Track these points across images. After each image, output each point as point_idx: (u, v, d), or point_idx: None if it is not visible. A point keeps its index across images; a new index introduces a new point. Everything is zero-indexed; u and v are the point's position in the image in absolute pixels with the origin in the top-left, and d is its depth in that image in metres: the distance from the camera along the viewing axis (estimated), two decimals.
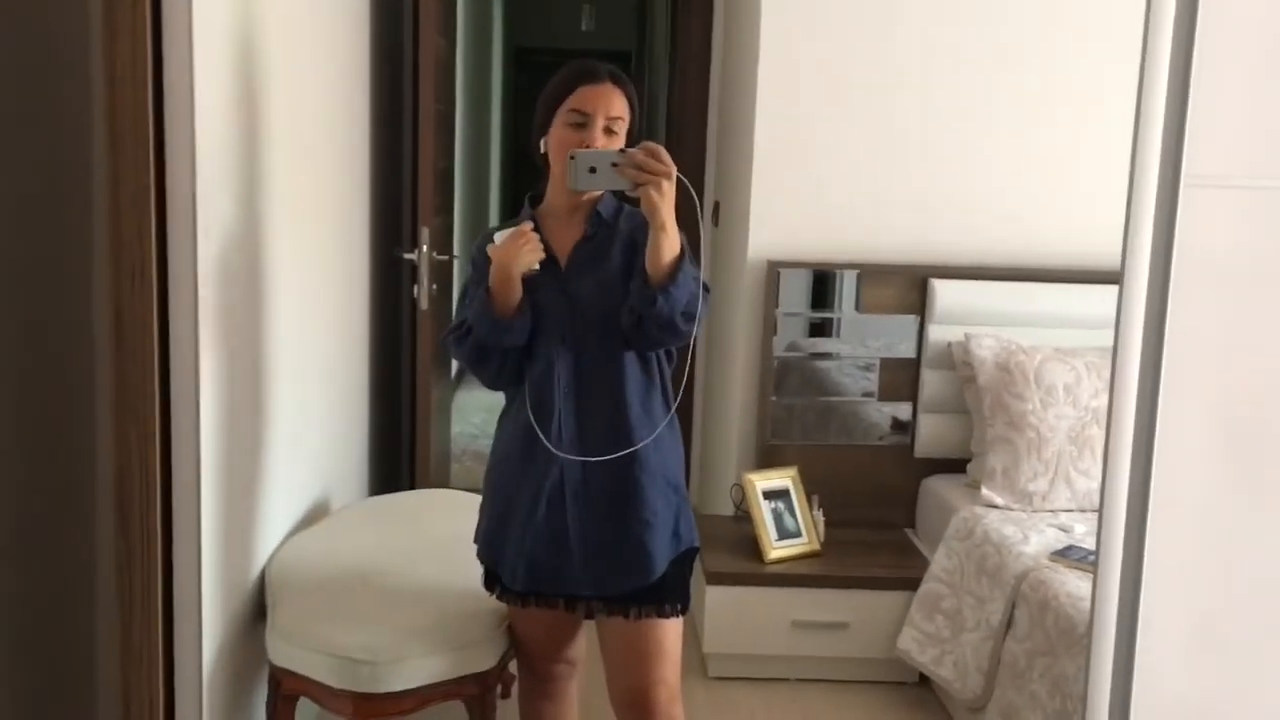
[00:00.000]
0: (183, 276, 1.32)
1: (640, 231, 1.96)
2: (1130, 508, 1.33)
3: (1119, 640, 1.37)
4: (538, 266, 1.98)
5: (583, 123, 1.94)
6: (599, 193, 1.99)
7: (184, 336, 1.34)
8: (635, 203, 1.92)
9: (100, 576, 1.46)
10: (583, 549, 2.02)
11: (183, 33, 1.39)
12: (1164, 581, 1.34)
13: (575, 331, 2.01)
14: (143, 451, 1.38)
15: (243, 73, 2.12)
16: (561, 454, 1.99)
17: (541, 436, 1.99)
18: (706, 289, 1.93)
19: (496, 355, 2.01)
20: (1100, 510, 1.37)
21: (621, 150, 1.87)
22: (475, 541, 2.16)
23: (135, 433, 1.38)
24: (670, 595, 2.04)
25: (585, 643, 2.26)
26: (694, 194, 1.96)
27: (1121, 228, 3.52)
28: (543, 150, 2.02)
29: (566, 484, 2.02)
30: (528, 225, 1.99)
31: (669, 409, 2.06)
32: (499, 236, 2.00)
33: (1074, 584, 2.52)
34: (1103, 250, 3.49)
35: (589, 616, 2.10)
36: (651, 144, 1.85)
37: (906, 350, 3.47)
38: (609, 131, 1.95)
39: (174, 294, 1.33)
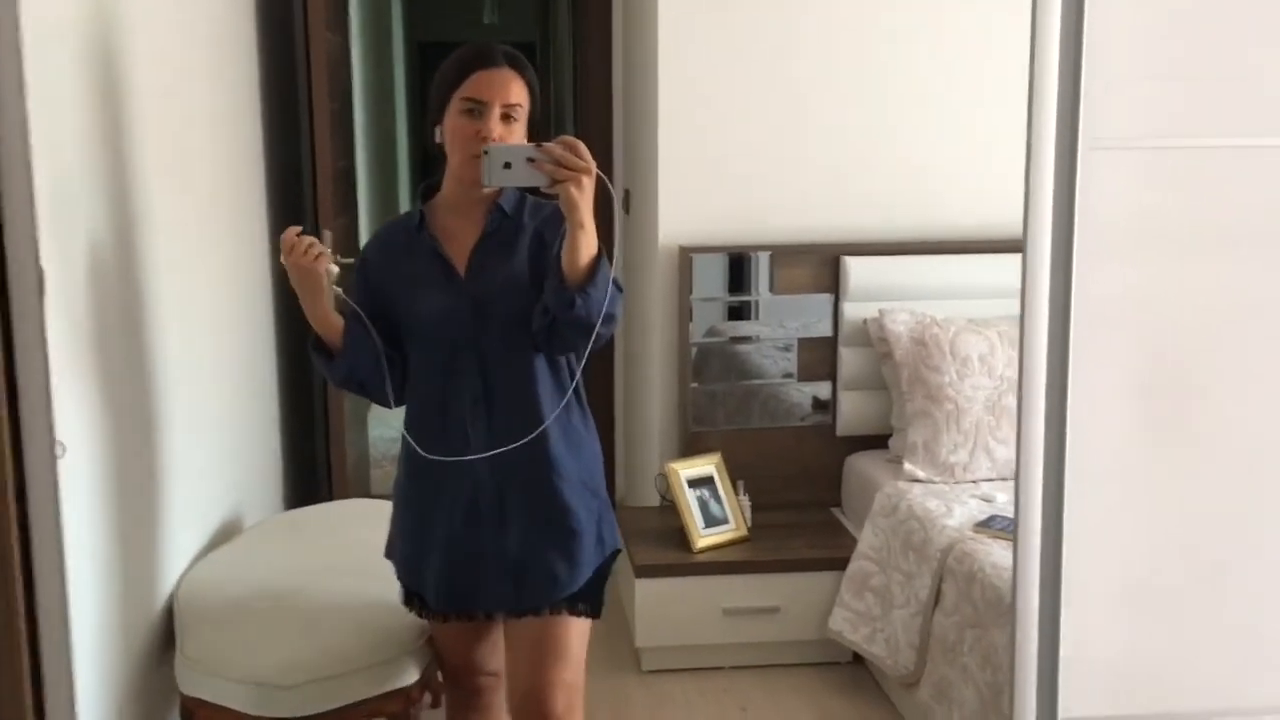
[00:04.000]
0: (26, 298, 1.23)
1: (548, 226, 1.88)
2: (1046, 474, 1.31)
3: (1043, 607, 1.35)
4: (336, 269, 1.87)
5: (477, 110, 1.84)
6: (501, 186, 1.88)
7: (32, 361, 1.25)
8: (547, 197, 1.84)
9: None
10: (504, 565, 1.94)
11: (9, 31, 1.28)
12: (1085, 544, 1.33)
13: (481, 338, 1.90)
14: None
15: (99, 72, 1.99)
16: (469, 462, 1.89)
17: (443, 457, 1.89)
18: (619, 287, 1.85)
19: (373, 381, 1.93)
20: (1016, 479, 1.35)
21: (538, 145, 1.76)
22: (387, 556, 2.08)
23: None
24: (584, 595, 1.98)
25: None
26: (611, 189, 1.89)
27: None
28: (438, 140, 1.91)
29: (481, 499, 1.93)
30: (292, 231, 1.86)
31: (583, 410, 2.00)
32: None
33: (999, 554, 2.52)
34: (1011, 220, 3.52)
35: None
36: (570, 138, 1.75)
37: (823, 329, 3.46)
38: (506, 118, 1.85)
39: (17, 317, 1.23)
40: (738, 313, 3.47)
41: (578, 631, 1.98)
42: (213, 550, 2.51)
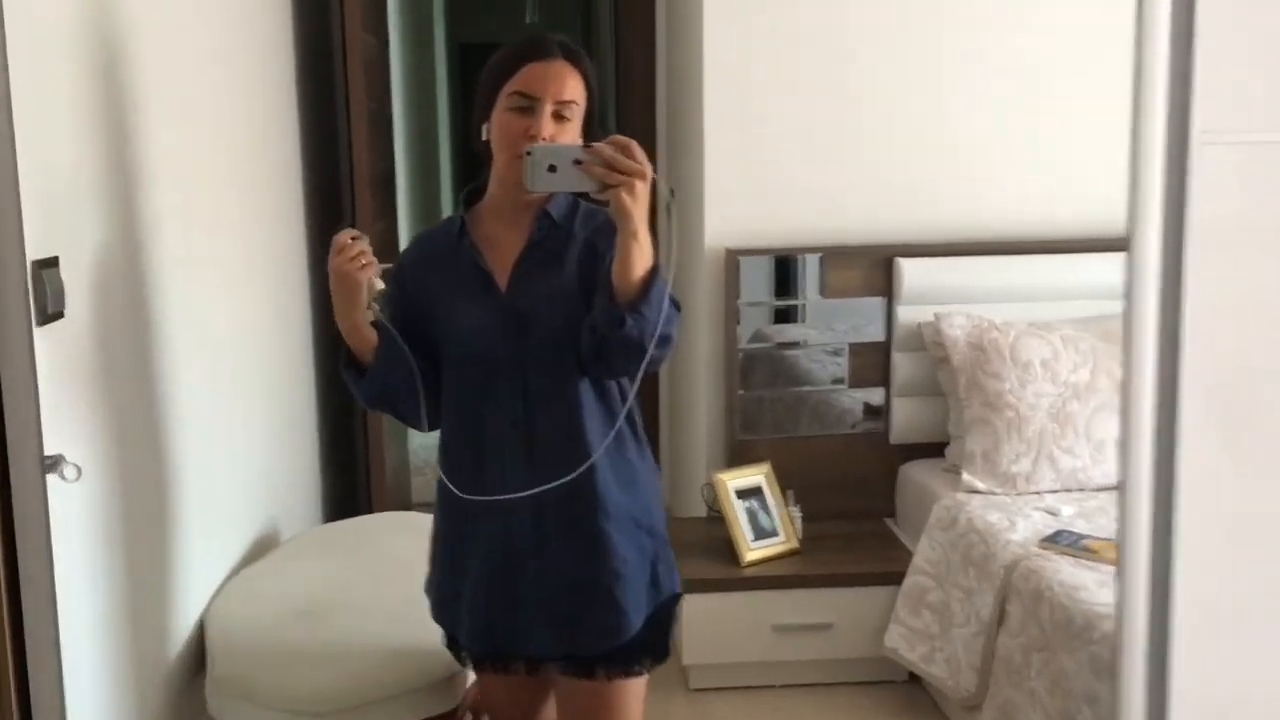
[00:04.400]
0: (13, 318, 1.14)
1: (601, 236, 1.68)
2: (1156, 491, 1.17)
3: (1152, 642, 1.21)
4: (380, 284, 1.72)
5: (527, 107, 1.67)
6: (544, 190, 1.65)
7: (18, 370, 1.16)
8: (597, 203, 1.67)
9: None
10: (543, 609, 1.76)
11: None
12: (1194, 578, 1.19)
13: (522, 358, 1.72)
14: None
15: (103, 74, 1.89)
16: (506, 496, 1.70)
17: (475, 496, 1.72)
18: (677, 305, 1.65)
19: (407, 402, 1.76)
20: (1121, 496, 1.21)
21: (586, 145, 1.58)
22: (426, 592, 1.91)
23: None
24: (641, 654, 1.79)
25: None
26: (668, 195, 1.67)
27: (1094, 194, 3.35)
28: (484, 137, 1.73)
29: (518, 539, 1.75)
30: (347, 234, 1.70)
31: (639, 440, 1.80)
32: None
33: (1068, 572, 2.38)
34: (1073, 219, 3.39)
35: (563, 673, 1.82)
36: (621, 138, 1.56)
37: (875, 333, 3.33)
38: (559, 117, 1.67)
39: (4, 338, 1.14)
40: (785, 316, 3.35)
41: (634, 693, 1.80)
42: (246, 566, 2.44)
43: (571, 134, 1.69)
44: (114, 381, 1.85)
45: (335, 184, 3.62)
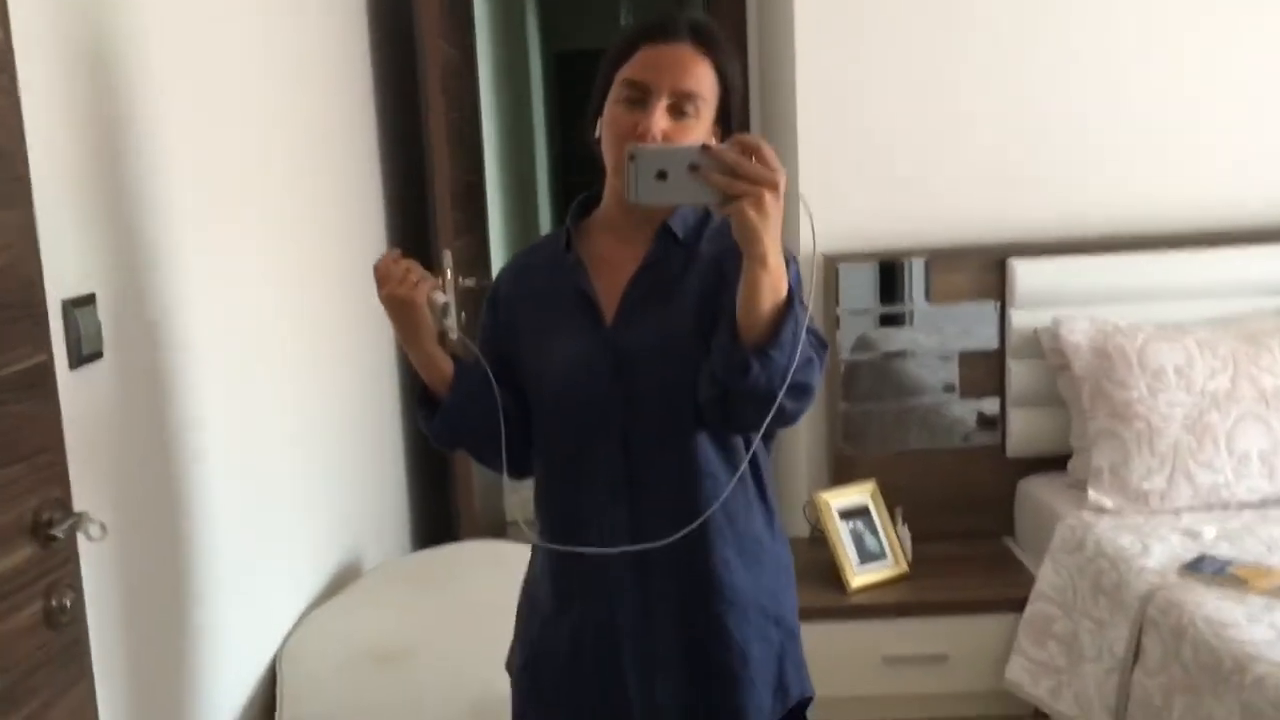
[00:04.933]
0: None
1: (731, 258, 1.33)
2: None
3: None
4: (441, 298, 1.46)
5: (639, 98, 1.38)
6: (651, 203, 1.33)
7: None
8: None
9: None
10: (647, 710, 1.48)
11: None
12: None
13: (626, 406, 1.44)
14: None
15: (160, 93, 1.82)
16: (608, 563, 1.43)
17: (564, 560, 1.47)
18: (823, 343, 1.36)
19: (485, 440, 1.48)
20: None
21: (703, 147, 1.26)
22: (507, 668, 1.63)
23: None
24: None
25: None
26: (807, 209, 1.40)
27: (1225, 183, 3.07)
28: (597, 134, 1.45)
29: (621, 620, 1.47)
30: (386, 259, 1.45)
31: (769, 510, 1.50)
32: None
33: (1213, 605, 2.14)
34: (1202, 209, 3.11)
35: None
36: (748, 137, 1.26)
37: (988, 340, 3.10)
38: (678, 112, 1.38)
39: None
40: (890, 320, 3.14)
41: None
42: (327, 598, 2.34)
43: (694, 135, 1.40)
44: (164, 419, 1.76)
45: (421, 199, 3.54)
